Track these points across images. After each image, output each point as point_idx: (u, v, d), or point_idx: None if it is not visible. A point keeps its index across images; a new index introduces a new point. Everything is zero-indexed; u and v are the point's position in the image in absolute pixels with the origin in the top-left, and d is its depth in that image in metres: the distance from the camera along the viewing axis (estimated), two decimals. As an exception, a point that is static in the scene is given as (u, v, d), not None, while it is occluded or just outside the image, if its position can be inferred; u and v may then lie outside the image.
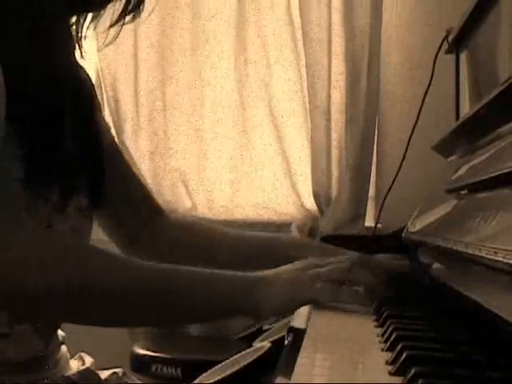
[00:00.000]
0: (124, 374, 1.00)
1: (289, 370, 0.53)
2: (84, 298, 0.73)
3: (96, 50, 2.17)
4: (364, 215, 2.27)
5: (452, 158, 1.15)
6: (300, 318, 0.80)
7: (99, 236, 1.01)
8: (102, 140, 0.92)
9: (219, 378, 1.46)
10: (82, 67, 0.93)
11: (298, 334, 0.68)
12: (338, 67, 2.23)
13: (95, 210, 0.90)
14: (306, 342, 0.64)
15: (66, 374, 0.88)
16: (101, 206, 0.91)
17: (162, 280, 0.77)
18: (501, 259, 0.55)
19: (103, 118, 1.00)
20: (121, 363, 1.13)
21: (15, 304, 0.72)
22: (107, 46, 0.97)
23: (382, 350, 0.61)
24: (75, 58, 0.89)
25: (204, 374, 1.52)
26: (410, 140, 1.46)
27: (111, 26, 0.91)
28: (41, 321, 0.83)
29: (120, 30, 0.91)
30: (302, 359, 0.57)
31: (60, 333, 0.91)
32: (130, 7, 0.88)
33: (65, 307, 0.74)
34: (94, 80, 2.48)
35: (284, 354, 0.65)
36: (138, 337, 2.30)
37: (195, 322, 0.94)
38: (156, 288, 0.77)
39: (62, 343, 0.91)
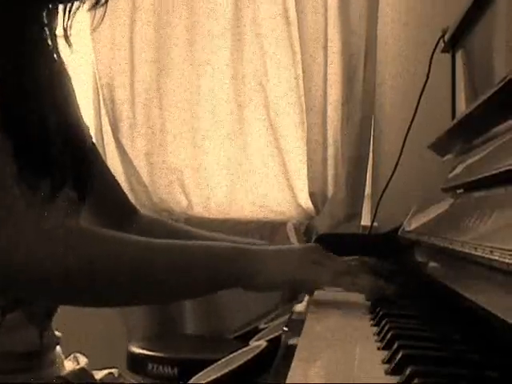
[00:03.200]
0: (120, 374, 1.00)
1: (285, 370, 0.53)
2: (79, 280, 0.72)
3: (89, 32, 2.16)
4: (360, 214, 2.27)
5: (448, 156, 1.15)
6: (296, 316, 0.80)
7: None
8: (84, 133, 0.93)
9: (215, 376, 1.46)
10: (63, 63, 0.92)
11: (294, 333, 0.68)
12: (334, 66, 2.23)
13: (82, 202, 0.90)
14: (301, 341, 0.64)
15: (60, 374, 0.87)
16: (86, 198, 0.91)
17: (163, 254, 0.78)
18: (497, 258, 0.55)
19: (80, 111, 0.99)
20: (117, 363, 1.13)
21: (9, 287, 0.71)
22: (97, 27, 0.97)
23: (378, 348, 0.61)
24: (53, 54, 0.89)
25: (200, 373, 1.52)
26: (405, 139, 1.46)
27: (90, 9, 0.91)
28: (34, 309, 0.83)
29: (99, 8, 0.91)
30: (297, 358, 0.57)
31: (56, 333, 0.90)
32: None
33: (58, 289, 0.73)
34: (90, 79, 2.49)
35: (280, 353, 0.65)
36: (134, 336, 2.30)
37: (194, 294, 0.99)
38: (158, 263, 0.78)
39: (57, 344, 0.91)
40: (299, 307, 0.88)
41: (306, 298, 0.92)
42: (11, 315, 0.79)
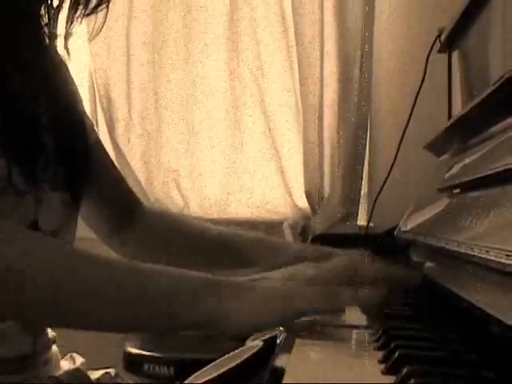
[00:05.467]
0: (117, 374, 1.00)
1: (281, 368, 0.53)
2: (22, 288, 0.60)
3: (87, 40, 2.15)
4: (356, 214, 2.27)
5: (444, 156, 1.15)
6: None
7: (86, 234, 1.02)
8: (82, 130, 0.91)
9: (212, 376, 1.46)
10: (58, 54, 0.91)
11: (289, 334, 0.68)
12: (330, 66, 2.23)
13: (77, 204, 0.89)
14: (298, 341, 0.64)
15: (54, 374, 0.87)
16: (81, 199, 0.90)
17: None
18: (493, 258, 0.55)
19: (83, 107, 0.97)
20: (113, 363, 1.13)
21: None
22: (95, 37, 0.96)
23: (375, 348, 0.61)
24: (49, 52, 0.88)
25: (197, 373, 1.52)
26: (402, 139, 1.47)
27: (89, 14, 0.90)
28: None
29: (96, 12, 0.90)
30: (293, 357, 0.57)
31: (51, 332, 0.90)
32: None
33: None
34: (86, 78, 2.48)
35: (277, 352, 0.65)
36: (131, 336, 2.29)
37: (147, 329, 0.80)
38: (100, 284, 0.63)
39: (53, 342, 0.90)
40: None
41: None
42: (4, 323, 0.78)
